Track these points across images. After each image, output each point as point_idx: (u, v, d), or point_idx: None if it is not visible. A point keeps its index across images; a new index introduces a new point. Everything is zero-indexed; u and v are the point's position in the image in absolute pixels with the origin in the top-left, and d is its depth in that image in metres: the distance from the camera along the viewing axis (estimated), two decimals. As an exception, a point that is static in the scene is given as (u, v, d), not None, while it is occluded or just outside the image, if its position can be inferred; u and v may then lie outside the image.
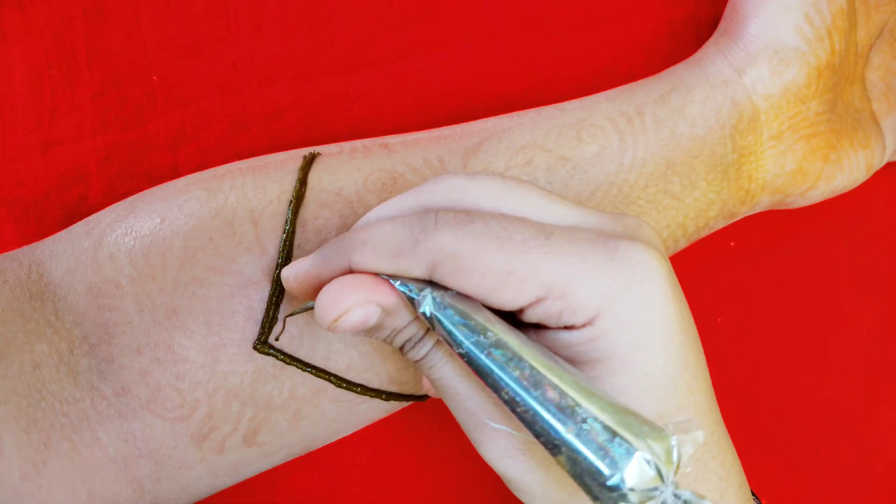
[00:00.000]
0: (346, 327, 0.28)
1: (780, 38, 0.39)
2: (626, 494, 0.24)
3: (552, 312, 0.27)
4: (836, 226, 0.47)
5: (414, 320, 0.29)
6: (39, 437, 0.33)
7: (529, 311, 0.28)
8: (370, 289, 0.28)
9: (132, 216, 0.35)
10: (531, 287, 0.27)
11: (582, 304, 0.27)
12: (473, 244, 0.27)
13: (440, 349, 0.30)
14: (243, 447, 0.35)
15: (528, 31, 0.44)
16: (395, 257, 0.28)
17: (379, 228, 0.29)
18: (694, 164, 0.38)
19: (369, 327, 0.29)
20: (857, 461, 0.47)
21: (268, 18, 0.44)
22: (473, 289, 0.27)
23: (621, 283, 0.28)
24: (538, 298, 0.27)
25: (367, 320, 0.28)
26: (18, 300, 0.34)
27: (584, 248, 0.28)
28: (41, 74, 0.43)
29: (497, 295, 0.27)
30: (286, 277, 0.31)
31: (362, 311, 0.28)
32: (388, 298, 0.28)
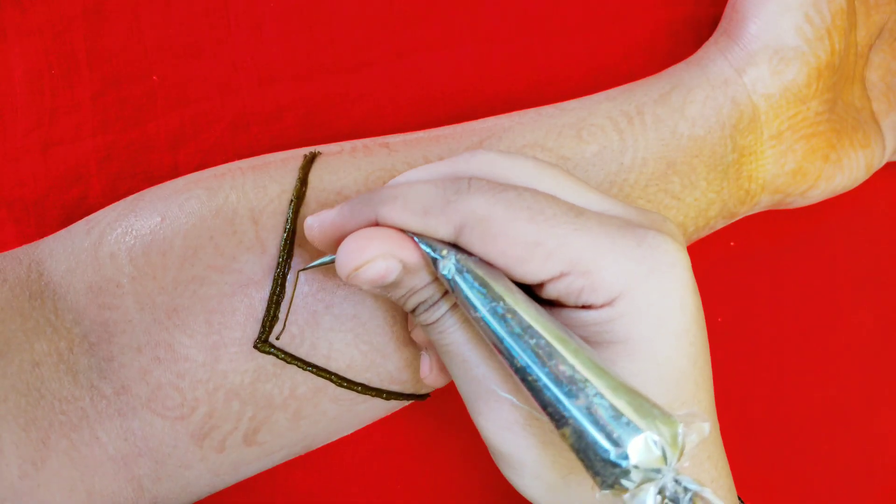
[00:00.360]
0: (364, 278, 0.28)
1: (780, 37, 0.39)
2: (628, 471, 0.24)
3: (573, 289, 0.27)
4: (836, 226, 0.47)
5: (432, 283, 0.29)
6: (38, 435, 0.33)
7: (550, 287, 0.28)
8: (395, 242, 0.28)
9: (132, 215, 0.35)
10: (557, 261, 0.27)
11: (604, 284, 0.27)
12: (505, 211, 0.27)
13: (454, 314, 0.29)
14: (244, 446, 0.35)
15: (528, 31, 0.44)
16: (425, 215, 0.28)
17: (411, 186, 0.29)
18: (694, 164, 0.38)
19: (387, 284, 0.29)
20: (857, 461, 0.47)
21: (268, 18, 0.44)
22: (498, 256, 0.27)
23: (646, 269, 0.28)
24: (561, 273, 0.27)
25: (388, 275, 0.28)
26: (18, 299, 0.34)
27: (613, 231, 0.28)
28: (41, 74, 0.43)
29: (521, 265, 0.27)
30: (309, 226, 0.30)
31: (384, 263, 0.28)
32: (412, 256, 0.28)
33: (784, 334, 0.47)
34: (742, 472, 0.46)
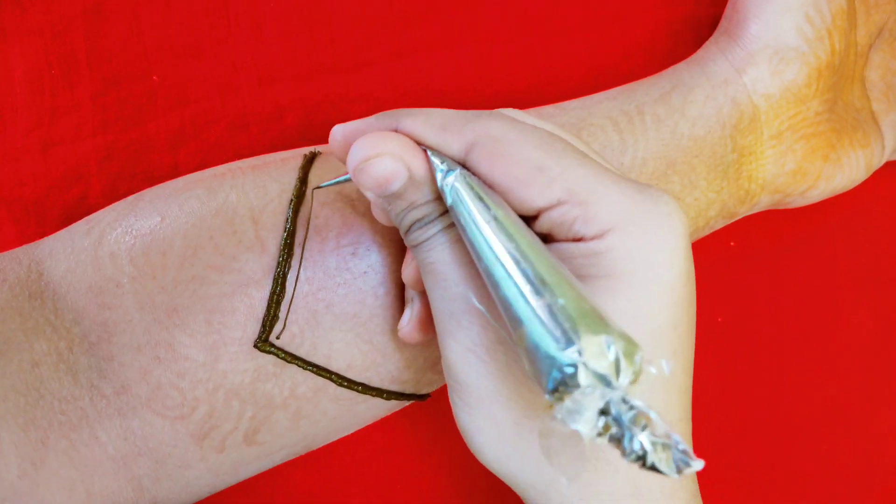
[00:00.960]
0: (371, 173, 0.29)
1: (780, 37, 0.39)
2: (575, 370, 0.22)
3: (567, 219, 0.28)
4: (836, 226, 0.47)
5: (432, 200, 0.30)
6: (37, 435, 0.33)
7: (545, 216, 0.28)
8: (407, 147, 0.29)
9: (133, 215, 0.35)
10: (557, 188, 0.27)
11: (598, 216, 0.27)
12: (517, 135, 0.28)
13: (445, 234, 0.30)
14: (244, 446, 0.35)
15: (528, 31, 0.44)
16: (442, 129, 0.29)
17: (437, 109, 0.30)
18: (694, 164, 0.38)
19: (390, 192, 0.29)
20: (857, 461, 0.47)
21: (268, 18, 0.44)
22: (502, 176, 0.28)
23: (642, 211, 0.28)
24: (559, 201, 0.28)
25: (393, 177, 0.29)
26: (17, 299, 0.34)
27: (615, 176, 0.28)
28: (41, 74, 0.43)
29: (523, 188, 0.28)
30: (334, 133, 0.31)
31: (392, 163, 0.29)
32: (420, 165, 0.29)
33: (784, 334, 0.47)
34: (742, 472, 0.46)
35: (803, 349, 0.47)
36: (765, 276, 0.47)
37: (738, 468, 0.46)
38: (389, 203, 0.30)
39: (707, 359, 0.46)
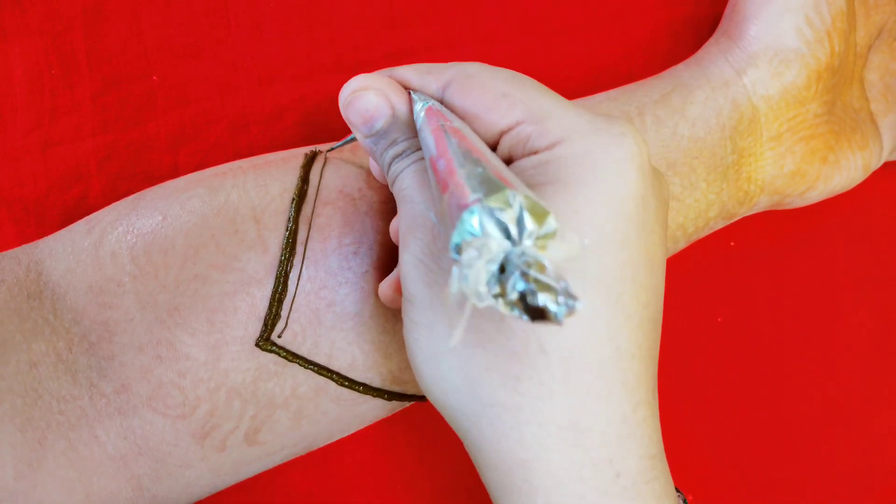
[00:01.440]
0: (358, 105, 0.32)
1: (780, 39, 0.39)
2: (476, 215, 0.21)
3: (523, 136, 0.29)
4: (836, 226, 0.47)
5: (410, 138, 0.32)
6: (35, 435, 0.33)
7: (505, 138, 0.30)
8: (392, 87, 0.32)
9: (134, 214, 0.35)
10: (518, 110, 0.29)
11: (551, 130, 0.28)
12: (490, 73, 0.31)
13: (417, 164, 0.31)
14: (245, 445, 0.35)
15: (528, 31, 0.45)
16: (426, 72, 0.32)
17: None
18: (694, 165, 0.38)
19: (376, 130, 0.32)
20: (857, 461, 0.47)
21: (268, 18, 0.44)
22: (471, 105, 0.30)
23: (595, 127, 0.28)
24: (517, 122, 0.29)
25: (378, 112, 0.32)
26: (16, 299, 0.34)
27: (576, 106, 0.30)
28: (41, 74, 0.43)
29: (488, 113, 0.30)
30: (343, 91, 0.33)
31: (376, 98, 0.32)
32: (402, 104, 0.32)
33: (784, 334, 0.47)
34: (742, 472, 0.46)
35: (803, 349, 0.47)
36: (765, 276, 0.47)
37: (738, 468, 0.46)
38: (375, 143, 0.32)
39: (707, 359, 0.46)
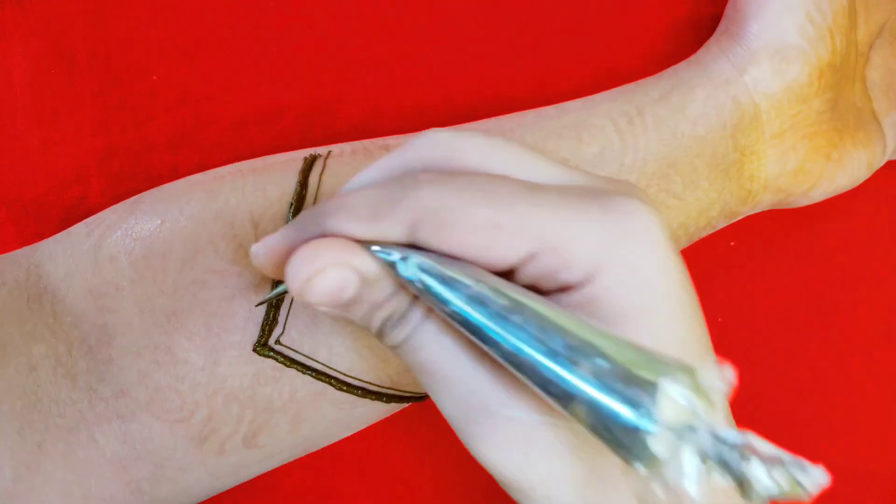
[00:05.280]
0: (318, 291, 0.25)
1: (781, 36, 0.39)
2: (657, 435, 0.20)
3: (546, 270, 0.25)
4: (837, 226, 0.47)
5: (395, 294, 0.27)
6: (34, 438, 0.33)
7: (522, 271, 0.26)
8: (347, 250, 0.26)
9: (132, 218, 0.35)
10: (522, 241, 0.25)
11: (577, 259, 0.25)
12: (458, 198, 0.25)
13: (427, 325, 0.27)
14: (243, 449, 0.35)
15: (529, 31, 0.44)
16: (374, 219, 0.25)
17: (356, 192, 0.27)
18: (695, 164, 0.38)
19: (345, 300, 0.26)
20: (857, 461, 0.47)
21: (268, 18, 0.44)
22: (460, 247, 0.25)
23: (617, 234, 0.25)
24: (530, 254, 0.25)
25: (343, 287, 0.26)
26: (16, 302, 0.34)
27: (575, 201, 0.26)
28: (41, 74, 0.43)
29: (486, 253, 0.25)
30: (254, 254, 0.28)
31: (337, 273, 0.25)
32: (367, 264, 0.26)
33: (784, 334, 0.47)
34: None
35: (803, 349, 0.47)
36: (765, 276, 0.47)
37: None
38: (348, 311, 0.27)
39: (707, 359, 0.46)
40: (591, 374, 0.21)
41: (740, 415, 0.46)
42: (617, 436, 0.21)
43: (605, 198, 0.26)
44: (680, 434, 0.20)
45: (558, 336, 0.22)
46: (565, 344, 0.22)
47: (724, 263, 0.46)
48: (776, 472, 0.20)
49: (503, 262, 0.25)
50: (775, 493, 0.20)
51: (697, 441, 0.20)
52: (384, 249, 0.26)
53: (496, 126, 0.38)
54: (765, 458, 0.20)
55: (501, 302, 0.23)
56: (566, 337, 0.22)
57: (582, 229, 0.25)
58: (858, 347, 0.47)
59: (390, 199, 0.26)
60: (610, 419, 0.21)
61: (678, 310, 0.27)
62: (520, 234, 0.25)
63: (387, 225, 0.25)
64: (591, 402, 0.21)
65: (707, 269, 0.46)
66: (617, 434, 0.21)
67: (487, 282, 0.24)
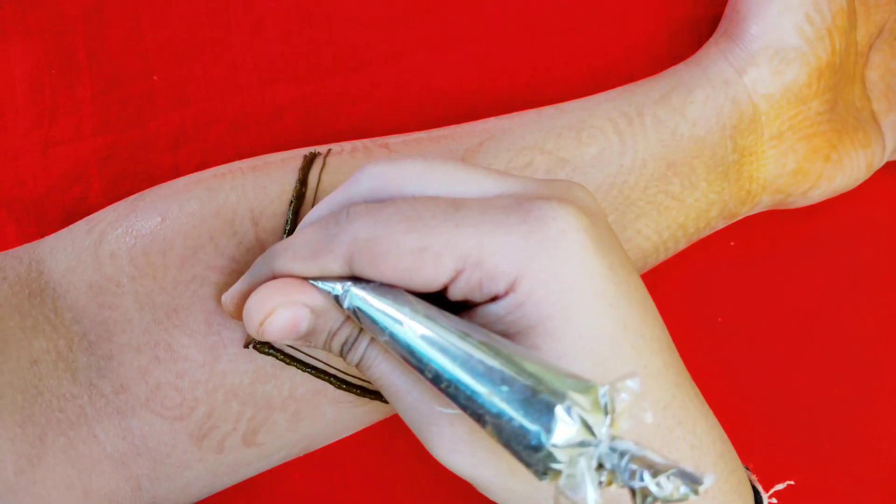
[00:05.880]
0: (275, 329, 0.28)
1: (780, 37, 0.39)
2: (551, 453, 0.22)
3: (473, 284, 0.27)
4: (836, 226, 0.47)
5: (346, 321, 0.29)
6: (35, 432, 0.33)
7: (453, 288, 0.27)
8: (293, 288, 0.28)
9: (133, 215, 0.35)
10: (447, 260, 0.27)
11: (498, 269, 0.27)
12: (385, 228, 0.27)
13: (375, 346, 0.29)
14: (243, 447, 0.35)
15: (528, 31, 0.44)
16: (314, 257, 0.28)
17: (298, 233, 0.29)
18: (694, 165, 0.38)
19: (303, 333, 0.29)
20: (858, 461, 0.47)
21: (268, 18, 0.44)
22: (392, 274, 0.27)
23: (535, 242, 0.27)
24: (456, 272, 0.27)
25: (298, 323, 0.28)
26: (17, 297, 0.34)
27: (496, 215, 0.27)
28: (41, 74, 0.43)
29: (416, 275, 0.27)
30: (224, 303, 0.31)
31: (289, 312, 0.28)
32: (314, 298, 0.28)
33: (784, 334, 0.47)
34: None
35: (803, 349, 0.47)
36: (765, 276, 0.47)
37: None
38: (310, 341, 0.30)
39: (707, 359, 0.46)
40: (498, 399, 0.24)
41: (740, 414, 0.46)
42: (522, 453, 0.23)
43: (527, 206, 0.27)
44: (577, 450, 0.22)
45: (471, 363, 0.24)
46: (476, 370, 0.24)
47: (724, 263, 0.46)
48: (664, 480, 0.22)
49: (433, 282, 0.27)
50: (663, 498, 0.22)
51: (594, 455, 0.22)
52: (328, 283, 0.28)
53: (496, 126, 0.38)
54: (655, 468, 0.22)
55: (425, 333, 0.26)
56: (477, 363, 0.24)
57: (501, 241, 0.27)
58: (858, 347, 0.47)
59: (327, 236, 0.28)
60: (514, 439, 0.23)
61: (604, 306, 0.27)
62: (444, 255, 0.27)
63: (325, 261, 0.28)
64: (498, 425, 0.24)
65: (707, 269, 0.46)
66: (521, 452, 0.23)
67: (414, 310, 0.26)
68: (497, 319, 0.27)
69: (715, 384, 0.46)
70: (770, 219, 0.46)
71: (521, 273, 0.27)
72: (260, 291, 0.28)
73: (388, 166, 0.29)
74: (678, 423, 0.30)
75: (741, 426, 0.46)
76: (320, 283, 0.28)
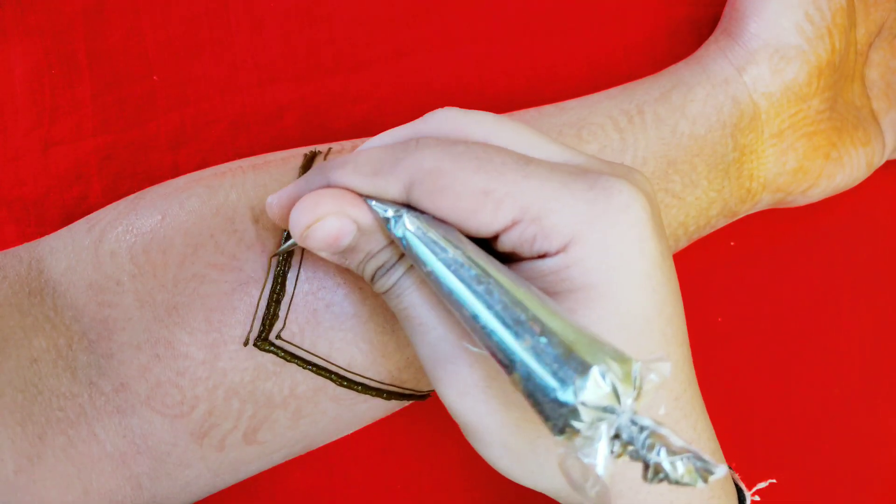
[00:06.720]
0: (319, 237, 0.28)
1: (780, 36, 0.39)
2: (576, 410, 0.22)
3: (526, 237, 0.27)
4: (836, 226, 0.47)
5: (388, 246, 0.29)
6: (35, 430, 0.33)
7: (504, 237, 0.27)
8: (347, 201, 0.28)
9: (133, 214, 0.35)
10: (507, 208, 0.27)
11: (556, 229, 0.27)
12: (452, 163, 0.27)
13: (410, 276, 0.29)
14: (244, 445, 0.35)
15: (528, 31, 0.44)
16: (374, 175, 0.28)
17: (362, 152, 0.29)
18: (695, 163, 0.38)
19: (344, 248, 0.29)
20: (857, 461, 0.47)
21: (268, 18, 0.44)
22: (449, 210, 0.27)
23: (598, 210, 0.27)
24: (513, 221, 0.27)
25: (342, 234, 0.28)
26: (17, 295, 0.34)
27: (564, 177, 0.27)
28: (41, 74, 0.43)
29: (473, 217, 0.27)
30: (269, 204, 0.30)
31: (337, 221, 0.28)
32: (365, 216, 0.28)
33: (784, 334, 0.47)
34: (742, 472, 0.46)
35: (803, 349, 0.47)
36: (765, 276, 0.47)
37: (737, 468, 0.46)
38: (345, 258, 0.30)
39: (707, 359, 0.46)
40: (532, 348, 0.24)
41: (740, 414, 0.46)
42: (545, 406, 0.23)
43: (594, 176, 0.27)
44: (600, 415, 0.22)
45: (513, 309, 0.25)
46: (516, 317, 0.24)
47: (724, 263, 0.46)
48: (679, 461, 0.22)
49: (487, 227, 0.27)
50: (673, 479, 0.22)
51: (615, 423, 0.22)
52: (381, 204, 0.28)
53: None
54: (671, 448, 0.22)
55: (471, 271, 0.26)
56: (520, 311, 0.24)
57: (564, 201, 0.27)
58: (858, 347, 0.47)
59: (392, 158, 0.28)
60: (540, 390, 0.23)
61: (648, 290, 0.28)
62: (505, 202, 0.27)
63: (385, 182, 0.28)
64: (527, 373, 0.24)
65: (707, 269, 0.46)
66: (545, 404, 0.23)
67: (465, 249, 0.26)
68: (539, 277, 0.27)
69: (714, 384, 0.46)
70: (770, 218, 0.46)
71: (577, 236, 0.27)
72: (313, 196, 0.28)
73: (460, 112, 0.30)
74: (684, 417, 0.31)
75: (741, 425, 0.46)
76: (373, 203, 0.28)
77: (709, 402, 0.46)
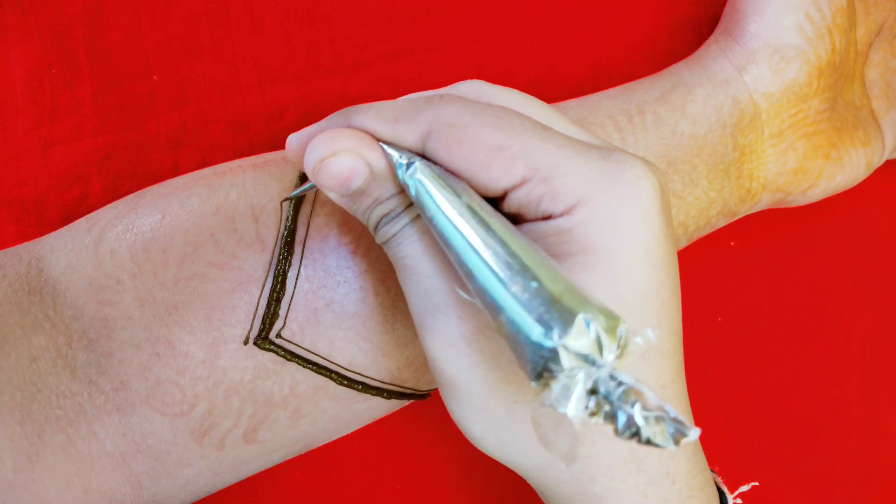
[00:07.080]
0: (329, 173, 0.29)
1: (780, 36, 0.39)
2: (556, 356, 0.22)
3: (533, 197, 0.27)
4: (836, 226, 0.47)
5: (396, 195, 0.29)
6: (34, 429, 0.33)
7: (512, 196, 0.28)
8: (363, 142, 0.29)
9: (133, 213, 0.35)
10: (519, 166, 0.27)
11: (564, 190, 0.27)
12: (472, 118, 0.28)
13: (413, 226, 0.29)
14: (244, 444, 0.35)
15: (528, 30, 0.45)
16: (395, 121, 0.28)
17: (388, 101, 0.30)
18: (695, 163, 0.38)
19: (353, 190, 0.29)
20: (857, 461, 0.47)
21: (268, 18, 0.44)
22: (462, 162, 0.27)
23: (608, 178, 0.27)
24: (523, 179, 0.27)
25: (354, 174, 0.29)
26: (17, 294, 0.34)
27: (578, 144, 0.28)
28: (41, 74, 0.43)
29: (484, 170, 0.27)
30: (288, 142, 0.31)
31: (350, 160, 0.28)
32: (379, 160, 0.29)
33: (784, 334, 0.47)
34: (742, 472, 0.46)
35: (803, 349, 0.47)
36: (765, 276, 0.47)
37: (737, 468, 0.46)
38: (354, 201, 0.30)
39: (707, 359, 0.46)
40: (521, 292, 0.24)
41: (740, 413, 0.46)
42: (525, 349, 0.23)
43: (608, 149, 0.28)
44: (580, 363, 0.22)
45: (507, 258, 0.25)
46: (509, 264, 0.24)
47: (724, 263, 0.46)
48: (653, 417, 0.22)
49: (497, 183, 0.27)
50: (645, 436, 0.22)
51: (594, 375, 0.22)
52: (395, 151, 0.29)
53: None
54: (647, 405, 0.22)
55: (473, 219, 0.26)
56: (514, 259, 0.25)
57: (576, 166, 0.27)
58: (858, 347, 0.47)
59: (415, 108, 0.28)
60: (523, 333, 0.23)
61: (647, 265, 0.28)
62: (518, 160, 0.27)
63: (404, 129, 0.28)
64: (512, 316, 0.24)
65: (707, 269, 0.46)
66: (526, 347, 0.23)
67: (471, 200, 0.27)
68: (541, 238, 0.28)
69: (714, 384, 0.46)
70: (770, 218, 0.46)
71: (585, 200, 0.27)
72: (331, 132, 0.29)
73: (488, 85, 0.30)
74: (662, 387, 0.30)
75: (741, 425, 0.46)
76: (388, 148, 0.29)
77: (709, 401, 0.46)
